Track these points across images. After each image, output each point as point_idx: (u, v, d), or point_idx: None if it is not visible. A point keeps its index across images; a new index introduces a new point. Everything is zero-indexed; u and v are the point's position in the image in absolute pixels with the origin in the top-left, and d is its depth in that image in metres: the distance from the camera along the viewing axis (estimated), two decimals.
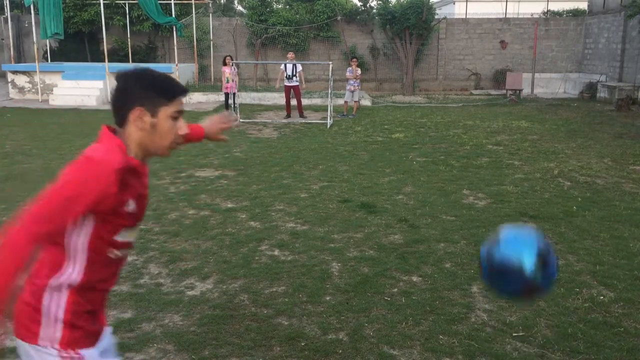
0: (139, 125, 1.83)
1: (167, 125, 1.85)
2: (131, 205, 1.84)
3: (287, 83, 14.11)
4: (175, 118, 1.87)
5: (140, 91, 1.82)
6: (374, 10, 21.69)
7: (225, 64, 14.49)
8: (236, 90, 14.31)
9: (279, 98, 16.12)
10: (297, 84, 14.10)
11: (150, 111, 1.82)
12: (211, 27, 21.68)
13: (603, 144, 10.60)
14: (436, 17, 21.55)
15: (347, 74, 14.61)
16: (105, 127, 1.86)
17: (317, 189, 7.18)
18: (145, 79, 1.85)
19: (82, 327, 1.87)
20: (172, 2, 18.43)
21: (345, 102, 14.61)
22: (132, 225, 1.90)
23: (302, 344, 3.49)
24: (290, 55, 14.51)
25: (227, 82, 14.25)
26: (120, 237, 1.87)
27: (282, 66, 14.24)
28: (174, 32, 18.54)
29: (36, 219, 1.66)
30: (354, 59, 15.13)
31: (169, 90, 1.86)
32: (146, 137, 1.85)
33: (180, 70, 18.34)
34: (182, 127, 1.91)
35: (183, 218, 5.95)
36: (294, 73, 13.97)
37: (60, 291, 1.82)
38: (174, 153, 5.31)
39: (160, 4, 17.80)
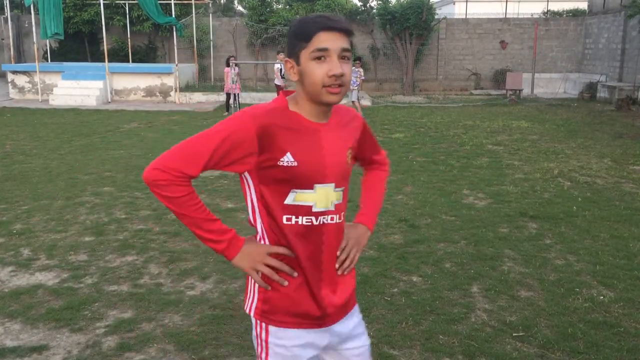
0: (293, 77, 1.72)
1: (310, 68, 1.66)
2: (287, 159, 1.68)
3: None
4: (318, 58, 1.65)
5: (289, 42, 1.73)
6: (374, 10, 21.70)
7: (229, 65, 14.60)
8: (237, 91, 14.36)
9: None
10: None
11: (295, 59, 1.70)
12: (211, 27, 21.69)
13: (603, 144, 10.60)
14: (436, 17, 21.55)
15: None
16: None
17: None
18: (291, 28, 1.72)
19: (269, 300, 1.78)
20: (172, 2, 18.43)
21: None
22: (301, 187, 1.71)
23: None
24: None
25: (233, 82, 14.31)
26: (292, 201, 1.72)
27: (281, 66, 14.71)
28: (174, 32, 18.55)
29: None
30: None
31: (305, 29, 1.67)
32: (303, 88, 1.70)
33: (180, 70, 18.35)
34: (333, 68, 1.65)
35: None
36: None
37: None
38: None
39: (160, 4, 17.81)
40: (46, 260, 4.79)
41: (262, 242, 1.78)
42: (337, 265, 1.83)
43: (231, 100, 14.49)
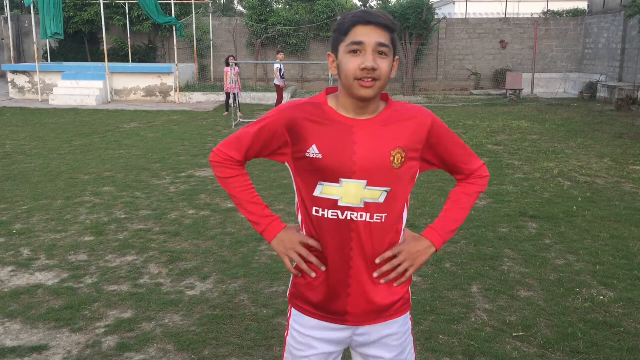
0: (333, 71, 1.75)
1: (344, 61, 1.67)
2: (313, 152, 1.71)
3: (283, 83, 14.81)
4: (353, 51, 1.66)
5: (332, 36, 1.76)
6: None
7: (228, 64, 14.59)
8: (237, 91, 14.35)
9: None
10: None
11: (335, 53, 1.72)
12: (211, 27, 21.69)
13: (603, 144, 10.60)
14: (436, 17, 21.55)
15: None
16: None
17: None
18: (337, 21, 1.75)
19: (297, 285, 1.86)
20: (172, 2, 18.44)
21: None
22: (327, 180, 1.72)
23: None
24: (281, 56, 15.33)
25: (231, 82, 14.29)
26: (319, 194, 1.74)
27: (280, 66, 14.65)
28: (174, 32, 18.56)
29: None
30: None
31: (344, 23, 1.68)
32: (341, 82, 1.72)
33: (180, 70, 18.35)
34: (365, 61, 1.64)
35: (183, 218, 5.95)
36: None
37: None
38: (175, 153, 5.31)
39: (160, 4, 17.82)
40: (46, 260, 4.79)
41: (302, 232, 1.84)
42: (375, 274, 1.78)
43: (231, 100, 14.46)
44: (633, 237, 5.45)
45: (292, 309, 1.89)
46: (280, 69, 14.65)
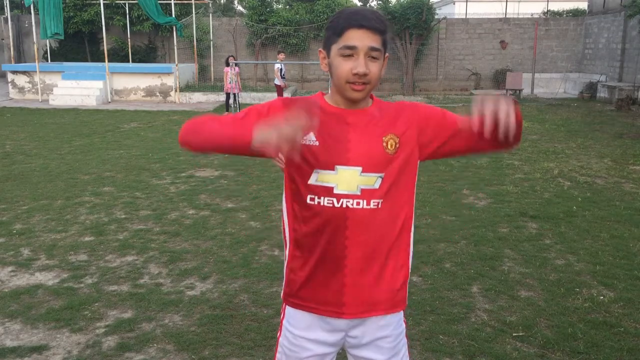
0: (324, 68, 1.79)
1: (336, 63, 1.70)
2: (310, 138, 1.72)
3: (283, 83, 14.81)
4: (346, 55, 1.67)
5: (325, 33, 1.77)
6: None
7: (228, 64, 14.59)
8: (237, 91, 14.34)
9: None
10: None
11: (327, 52, 1.74)
12: (211, 27, 21.69)
13: (603, 144, 10.60)
14: (436, 17, 21.55)
15: None
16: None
17: None
18: (329, 19, 1.77)
19: (291, 282, 1.86)
20: (172, 2, 18.44)
21: None
22: (322, 167, 1.73)
23: None
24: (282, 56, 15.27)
25: (230, 82, 14.29)
26: (314, 181, 1.74)
27: (281, 66, 14.65)
28: (174, 32, 18.55)
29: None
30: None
31: (337, 24, 1.69)
32: (332, 80, 1.76)
33: (180, 70, 18.35)
34: (357, 66, 1.66)
35: (183, 218, 5.95)
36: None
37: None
38: (175, 153, 5.33)
39: (160, 4, 17.81)
40: (46, 260, 4.79)
41: (283, 224, 1.86)
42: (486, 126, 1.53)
43: (231, 100, 14.47)
44: (633, 237, 5.45)
45: (286, 309, 1.89)
46: (281, 69, 14.65)
